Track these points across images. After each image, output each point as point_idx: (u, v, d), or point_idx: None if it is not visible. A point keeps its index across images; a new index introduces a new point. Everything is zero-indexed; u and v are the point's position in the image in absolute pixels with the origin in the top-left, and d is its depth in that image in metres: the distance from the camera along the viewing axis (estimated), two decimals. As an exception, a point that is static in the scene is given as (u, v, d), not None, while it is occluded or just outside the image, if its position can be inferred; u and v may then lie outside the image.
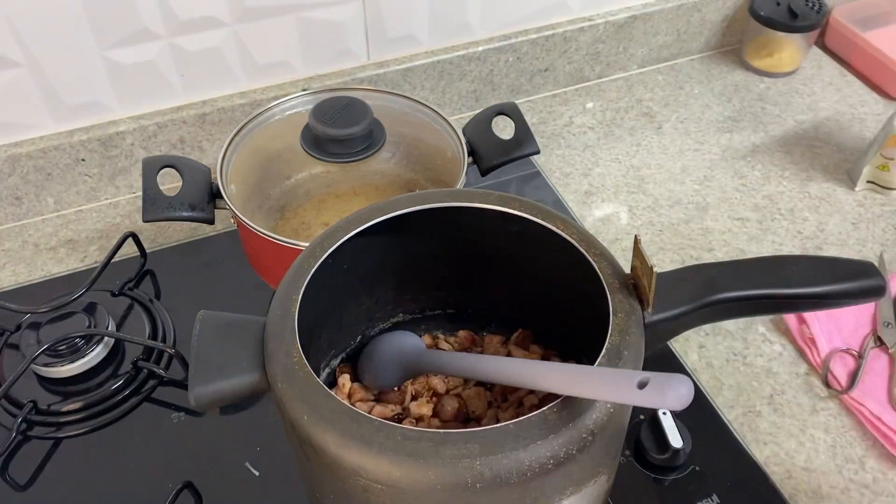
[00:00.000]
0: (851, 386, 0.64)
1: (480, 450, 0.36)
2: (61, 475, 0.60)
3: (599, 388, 0.37)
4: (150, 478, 0.60)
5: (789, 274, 0.47)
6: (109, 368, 0.67)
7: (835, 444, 0.62)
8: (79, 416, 0.64)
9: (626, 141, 0.91)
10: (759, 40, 0.99)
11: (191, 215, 0.68)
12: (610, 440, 0.42)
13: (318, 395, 0.39)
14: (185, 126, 0.83)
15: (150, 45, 0.77)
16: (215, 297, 0.73)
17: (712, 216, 0.81)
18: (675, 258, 0.77)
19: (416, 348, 0.55)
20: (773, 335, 0.70)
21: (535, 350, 0.56)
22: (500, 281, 0.56)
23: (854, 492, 0.59)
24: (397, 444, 0.37)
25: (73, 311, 0.67)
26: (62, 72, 0.76)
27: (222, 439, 0.62)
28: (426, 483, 0.36)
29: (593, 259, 0.46)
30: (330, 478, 0.40)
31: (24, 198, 0.81)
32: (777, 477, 0.60)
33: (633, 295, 0.44)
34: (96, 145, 0.80)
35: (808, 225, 0.81)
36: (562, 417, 0.38)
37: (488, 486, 0.36)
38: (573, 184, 0.86)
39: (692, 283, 0.46)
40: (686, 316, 0.46)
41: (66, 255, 0.79)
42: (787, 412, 0.64)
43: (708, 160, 0.89)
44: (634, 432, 0.60)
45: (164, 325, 0.70)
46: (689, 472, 0.59)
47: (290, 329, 0.42)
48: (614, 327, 0.42)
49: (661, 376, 0.34)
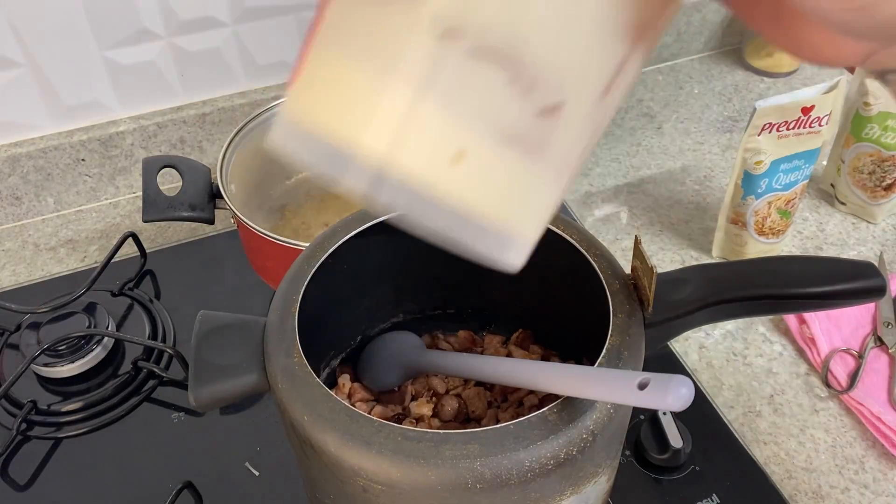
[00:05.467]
0: (851, 386, 0.64)
1: (480, 450, 0.36)
2: (61, 475, 0.60)
3: (600, 389, 0.37)
4: (150, 478, 0.60)
5: (789, 274, 0.47)
6: (109, 368, 0.67)
7: (835, 445, 0.62)
8: (79, 416, 0.64)
9: (626, 141, 0.91)
10: (759, 40, 0.99)
11: (191, 215, 0.68)
12: (610, 441, 0.42)
13: (318, 396, 0.39)
14: (186, 126, 0.83)
15: (150, 46, 0.77)
16: (215, 297, 0.73)
17: (712, 216, 0.81)
18: (675, 258, 0.77)
19: (416, 348, 0.55)
20: (773, 335, 0.70)
21: (535, 350, 0.56)
22: (500, 281, 0.55)
23: (854, 492, 0.59)
24: (397, 445, 0.37)
25: (73, 311, 0.67)
26: (62, 72, 0.76)
27: (222, 439, 0.62)
28: (426, 483, 0.36)
29: (593, 259, 0.46)
30: (330, 478, 0.40)
31: (23, 198, 0.81)
32: (777, 477, 0.60)
33: (633, 295, 0.44)
34: (96, 145, 0.80)
35: (808, 225, 0.81)
36: (562, 418, 0.38)
37: (488, 486, 0.36)
38: (573, 184, 0.86)
39: (692, 283, 0.46)
40: (686, 316, 0.46)
41: (66, 255, 0.79)
42: (788, 412, 0.64)
43: (708, 160, 0.89)
44: (634, 432, 0.60)
45: (164, 325, 0.70)
46: (690, 473, 0.59)
47: (291, 329, 0.42)
48: (614, 328, 0.42)
49: (662, 377, 0.34)
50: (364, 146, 0.21)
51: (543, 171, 0.24)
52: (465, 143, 0.21)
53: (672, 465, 0.58)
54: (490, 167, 0.22)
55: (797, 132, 0.68)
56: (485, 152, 0.22)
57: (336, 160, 0.22)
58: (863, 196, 0.79)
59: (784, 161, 0.69)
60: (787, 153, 0.69)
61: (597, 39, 0.22)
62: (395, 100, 0.21)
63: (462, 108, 0.21)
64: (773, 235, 0.74)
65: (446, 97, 0.21)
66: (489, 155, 0.22)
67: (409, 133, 0.21)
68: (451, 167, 0.22)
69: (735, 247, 0.75)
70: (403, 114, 0.21)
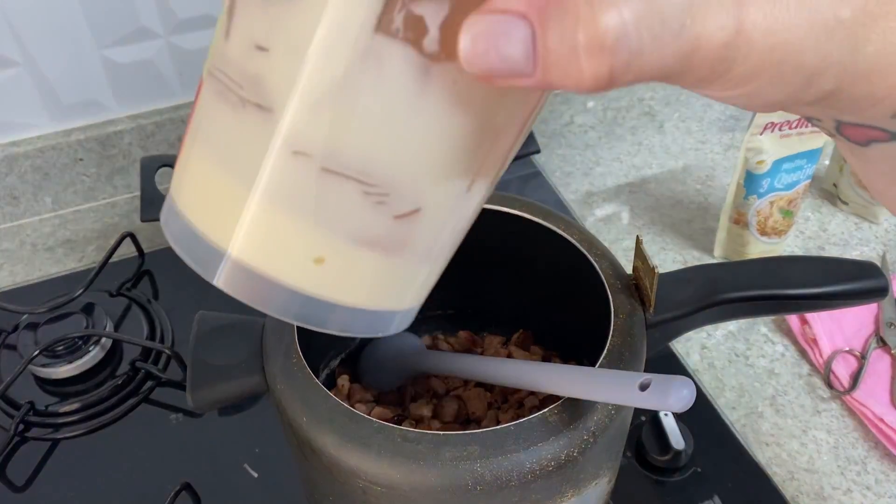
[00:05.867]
0: (854, 387, 0.64)
1: (481, 452, 0.36)
2: (59, 476, 0.60)
3: (601, 390, 0.37)
4: (148, 479, 0.59)
5: (791, 274, 0.46)
6: (107, 369, 0.66)
7: (837, 446, 0.61)
8: (76, 417, 0.63)
9: (627, 140, 0.91)
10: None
11: (189, 215, 0.67)
12: (611, 442, 0.41)
13: (317, 396, 0.39)
14: (184, 125, 0.82)
15: (148, 44, 0.77)
16: (213, 297, 0.72)
17: (714, 216, 0.81)
18: (677, 259, 0.77)
19: (415, 349, 0.55)
20: (775, 336, 0.70)
21: (535, 351, 0.55)
22: (500, 281, 0.55)
23: (856, 493, 0.58)
24: (397, 446, 0.36)
25: (71, 312, 0.67)
26: (60, 71, 0.75)
27: (221, 440, 0.62)
28: (426, 485, 0.36)
29: (594, 259, 0.45)
30: (329, 479, 0.40)
31: (21, 197, 0.81)
32: (779, 478, 0.59)
33: (634, 296, 0.44)
34: (94, 145, 0.80)
35: (811, 225, 0.80)
36: (563, 419, 0.37)
37: (489, 488, 0.36)
38: (574, 183, 0.86)
39: (694, 283, 0.46)
40: (688, 317, 0.45)
41: (63, 256, 0.79)
42: (790, 413, 0.64)
43: (710, 160, 0.88)
44: (636, 434, 0.59)
45: (163, 325, 0.70)
46: (691, 474, 0.59)
47: (290, 330, 0.42)
48: (616, 328, 0.42)
49: (663, 378, 0.33)
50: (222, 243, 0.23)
51: (409, 262, 0.25)
52: (323, 249, 0.23)
53: (673, 466, 0.58)
54: (352, 267, 0.23)
55: (799, 131, 0.68)
56: (344, 256, 0.23)
57: (196, 248, 0.23)
58: (865, 196, 0.78)
59: (786, 161, 0.69)
60: (790, 153, 0.69)
61: (445, 158, 0.22)
62: (252, 209, 0.22)
63: (319, 217, 0.22)
64: (775, 235, 0.74)
65: (302, 206, 0.22)
66: (350, 258, 0.23)
67: (265, 238, 0.22)
68: (314, 269, 0.23)
69: (737, 247, 0.75)
70: (262, 222, 0.22)
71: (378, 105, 0.21)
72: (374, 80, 0.20)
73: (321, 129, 0.21)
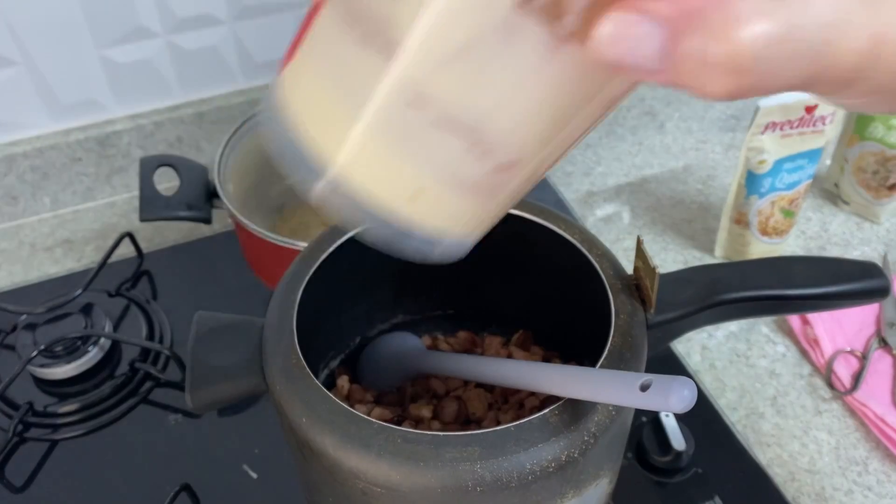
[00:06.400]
0: (855, 387, 0.64)
1: (481, 452, 0.36)
2: (58, 477, 0.60)
3: (601, 391, 0.37)
4: (147, 480, 0.59)
5: (793, 275, 0.46)
6: (106, 370, 0.66)
7: (838, 446, 0.61)
8: (75, 417, 0.63)
9: (628, 140, 0.91)
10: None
11: (188, 215, 0.67)
12: (612, 443, 0.41)
13: (316, 397, 0.39)
14: (183, 125, 0.82)
15: (147, 44, 0.77)
16: (213, 297, 0.73)
17: (715, 216, 0.81)
18: (677, 259, 0.77)
19: (415, 350, 0.55)
20: (776, 336, 0.69)
21: (535, 351, 0.55)
22: (500, 282, 0.55)
23: (857, 494, 0.58)
24: (396, 447, 0.36)
25: (70, 312, 0.67)
26: (58, 70, 0.75)
27: (220, 441, 0.62)
28: (426, 486, 0.36)
29: (595, 259, 0.45)
30: (328, 480, 0.40)
31: (20, 197, 0.81)
32: (780, 479, 0.59)
33: (635, 296, 0.44)
34: (93, 144, 0.80)
35: (812, 225, 0.80)
36: (563, 420, 0.37)
37: (489, 489, 0.36)
38: (574, 183, 0.86)
39: (695, 283, 0.46)
40: (689, 317, 0.45)
41: (62, 256, 0.78)
42: (791, 414, 0.64)
43: (711, 159, 0.88)
44: (636, 434, 0.59)
45: (161, 326, 0.70)
46: (692, 475, 0.58)
47: (289, 330, 0.42)
48: (616, 329, 0.41)
49: (664, 378, 0.33)
50: (326, 158, 0.24)
51: (495, 203, 0.26)
52: (421, 185, 0.24)
53: (674, 467, 0.58)
54: (444, 203, 0.25)
55: (800, 131, 0.68)
56: (439, 194, 0.24)
57: (298, 157, 0.24)
58: (867, 195, 0.78)
59: (787, 160, 0.69)
60: (791, 152, 0.69)
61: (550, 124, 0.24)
62: (360, 136, 0.23)
63: (425, 160, 0.23)
64: (776, 235, 0.74)
65: (408, 148, 0.23)
66: (444, 196, 0.24)
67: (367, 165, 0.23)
68: (408, 200, 0.24)
69: (738, 247, 0.75)
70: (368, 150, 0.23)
71: (500, 74, 0.22)
72: (502, 51, 0.21)
73: (440, 87, 0.22)
